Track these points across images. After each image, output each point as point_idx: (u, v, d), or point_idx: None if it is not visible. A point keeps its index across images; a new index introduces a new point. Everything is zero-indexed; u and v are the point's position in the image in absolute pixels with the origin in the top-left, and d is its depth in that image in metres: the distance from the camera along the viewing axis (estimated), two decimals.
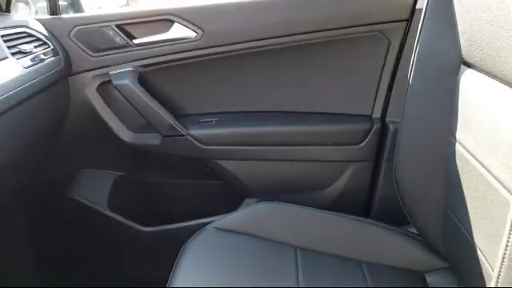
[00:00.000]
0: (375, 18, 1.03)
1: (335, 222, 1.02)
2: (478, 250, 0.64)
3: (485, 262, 0.62)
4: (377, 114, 1.11)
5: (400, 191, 0.95)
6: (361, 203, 1.14)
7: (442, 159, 0.79)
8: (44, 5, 1.20)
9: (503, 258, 0.55)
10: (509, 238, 0.53)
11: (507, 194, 0.56)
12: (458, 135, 0.76)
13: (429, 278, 0.91)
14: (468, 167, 0.71)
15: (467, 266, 0.69)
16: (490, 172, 0.62)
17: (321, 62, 1.09)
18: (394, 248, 0.97)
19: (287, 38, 1.06)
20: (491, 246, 0.60)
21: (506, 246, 0.54)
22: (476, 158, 0.68)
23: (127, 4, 1.29)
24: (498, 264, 0.56)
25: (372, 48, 1.06)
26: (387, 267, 0.93)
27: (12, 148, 0.88)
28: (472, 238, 0.66)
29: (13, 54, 0.89)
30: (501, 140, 0.60)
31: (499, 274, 0.56)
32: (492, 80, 0.67)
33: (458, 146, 0.75)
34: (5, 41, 0.90)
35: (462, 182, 0.74)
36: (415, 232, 0.98)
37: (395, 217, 1.01)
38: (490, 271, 0.60)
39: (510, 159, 0.56)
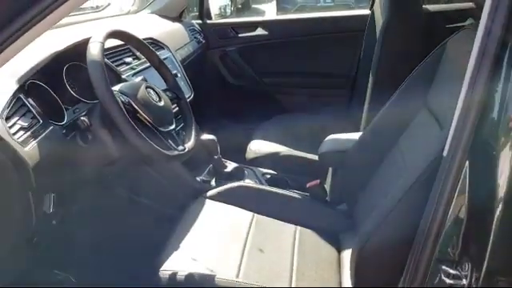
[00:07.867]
0: (350, 29, 2.26)
1: (320, 126, 2.25)
2: None
3: None
4: (349, 78, 2.33)
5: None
6: None
7: None
8: (193, 14, 2.49)
9: None
10: None
11: None
12: None
13: None
14: None
15: None
16: None
17: (319, 49, 2.33)
18: None
19: (303, 37, 2.32)
20: None
21: None
22: None
23: (231, 14, 2.57)
24: None
25: (348, 43, 2.28)
26: None
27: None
28: None
29: (193, 38, 2.18)
30: None
31: None
32: None
33: None
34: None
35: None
36: None
37: None
38: None
39: None
